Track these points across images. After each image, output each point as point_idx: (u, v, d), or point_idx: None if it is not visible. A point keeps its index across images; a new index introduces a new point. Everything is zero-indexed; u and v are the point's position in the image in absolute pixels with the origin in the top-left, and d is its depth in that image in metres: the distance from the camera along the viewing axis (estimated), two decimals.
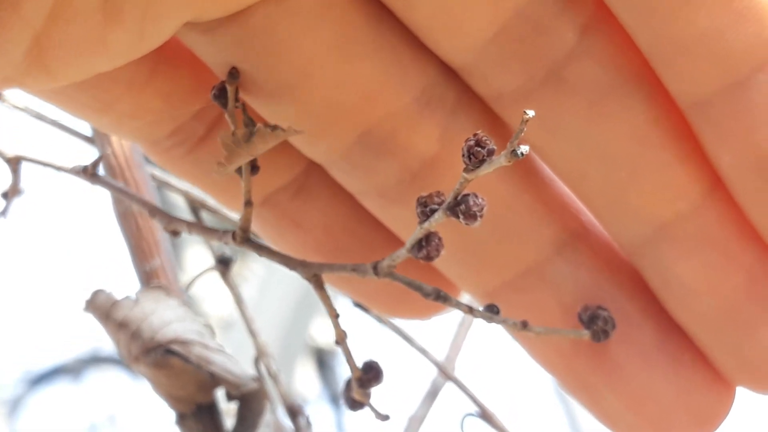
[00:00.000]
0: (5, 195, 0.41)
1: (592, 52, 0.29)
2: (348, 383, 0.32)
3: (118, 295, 0.41)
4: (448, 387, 0.46)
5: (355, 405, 0.32)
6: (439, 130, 0.30)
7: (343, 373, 2.18)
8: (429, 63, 0.30)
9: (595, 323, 0.31)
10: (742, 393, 0.32)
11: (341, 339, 0.31)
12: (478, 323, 0.47)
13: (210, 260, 0.44)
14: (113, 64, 0.27)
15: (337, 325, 0.31)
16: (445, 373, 0.46)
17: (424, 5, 0.28)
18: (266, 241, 0.34)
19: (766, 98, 0.27)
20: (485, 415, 0.45)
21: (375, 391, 0.32)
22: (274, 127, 0.28)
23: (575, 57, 0.29)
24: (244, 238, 0.31)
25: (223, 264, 0.44)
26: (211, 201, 0.43)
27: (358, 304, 0.44)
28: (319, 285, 0.31)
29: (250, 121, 0.29)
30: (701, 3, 0.26)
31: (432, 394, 0.46)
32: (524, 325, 0.30)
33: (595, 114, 0.29)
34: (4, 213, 0.41)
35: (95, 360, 2.23)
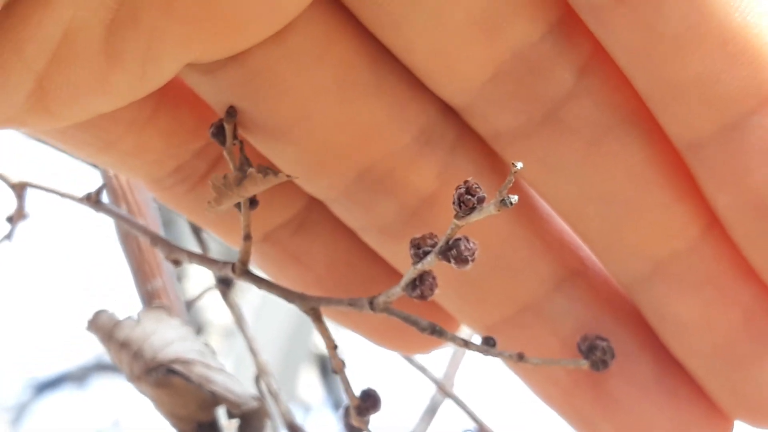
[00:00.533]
0: (10, 219, 0.41)
1: (590, 93, 0.29)
2: (347, 410, 0.32)
3: (121, 316, 0.42)
4: (447, 403, 0.47)
5: (353, 431, 0.33)
6: (438, 169, 0.30)
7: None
8: (428, 103, 0.30)
9: (594, 353, 0.31)
10: (740, 426, 0.33)
11: (339, 369, 0.31)
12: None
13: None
14: (115, 104, 0.27)
15: (334, 356, 0.31)
16: (444, 390, 0.46)
17: (423, 47, 0.28)
18: (268, 276, 0.34)
19: (761, 141, 0.27)
20: (483, 431, 0.45)
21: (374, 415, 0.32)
22: (266, 172, 0.29)
23: (573, 98, 0.29)
24: (243, 270, 0.32)
25: (224, 284, 0.44)
26: None
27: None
28: (317, 318, 0.31)
29: (247, 160, 0.30)
30: (696, 47, 0.27)
31: (431, 411, 0.47)
32: (521, 357, 0.30)
33: (592, 153, 0.29)
34: (9, 237, 0.41)
35: (100, 367, 2.24)
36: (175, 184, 0.32)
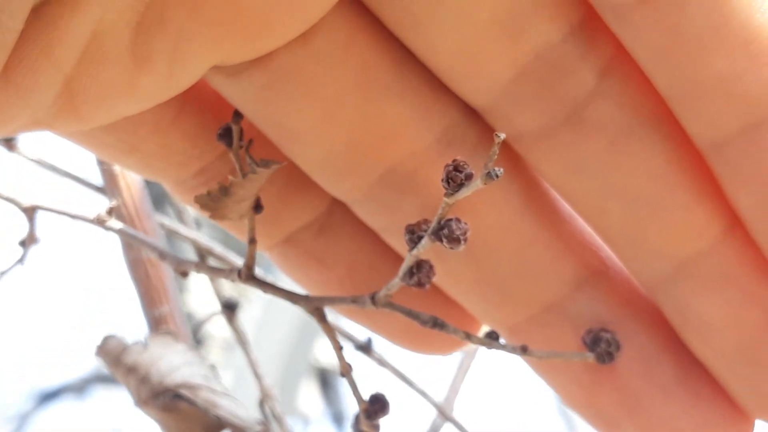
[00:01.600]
0: (23, 243, 0.42)
1: (612, 94, 0.29)
2: (357, 417, 0.32)
3: (128, 341, 0.42)
4: (447, 427, 0.47)
5: None
6: None
7: (346, 392, 2.18)
8: (451, 103, 0.30)
9: (599, 345, 0.31)
10: (760, 425, 0.33)
11: (346, 371, 0.31)
12: (476, 367, 0.49)
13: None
14: (141, 106, 0.27)
15: (341, 358, 0.31)
16: (444, 414, 0.47)
17: (445, 48, 0.28)
18: (290, 278, 0.34)
19: None
20: None
21: (383, 423, 0.32)
22: (253, 169, 0.29)
23: (595, 98, 0.29)
24: (249, 275, 0.32)
25: (229, 309, 0.45)
26: (217, 248, 0.44)
27: (360, 348, 0.45)
28: (321, 318, 0.32)
29: (253, 161, 0.30)
30: (718, 46, 0.27)
31: None
32: (524, 349, 0.31)
33: (614, 154, 0.29)
34: (21, 260, 0.42)
35: (100, 378, 2.24)
36: (198, 186, 0.32)
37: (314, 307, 0.32)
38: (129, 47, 0.26)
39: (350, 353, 0.42)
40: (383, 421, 0.32)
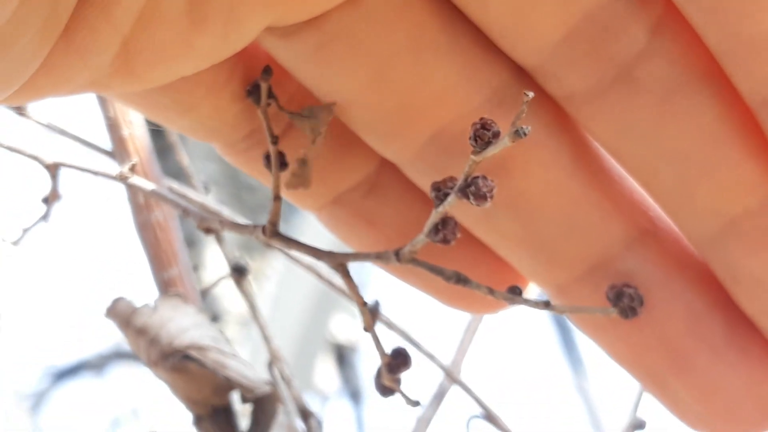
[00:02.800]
0: (46, 200, 0.42)
1: (662, 52, 0.29)
2: (379, 371, 0.32)
3: (138, 303, 0.43)
4: (455, 390, 0.48)
5: (386, 391, 0.32)
6: (509, 131, 0.31)
7: (362, 369, 2.19)
8: (501, 64, 0.30)
9: (622, 300, 0.31)
10: None
11: (369, 326, 0.32)
12: (484, 329, 0.49)
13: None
14: (197, 67, 0.28)
15: (365, 312, 0.32)
16: (452, 376, 0.47)
17: (497, 8, 0.28)
18: (339, 238, 0.35)
19: None
20: (490, 417, 0.46)
21: (403, 378, 0.32)
22: (311, 112, 0.30)
23: (645, 57, 0.29)
24: (274, 231, 0.32)
25: (238, 272, 0.45)
26: (225, 212, 0.45)
27: (368, 311, 0.45)
28: (345, 274, 0.32)
29: (290, 113, 0.31)
30: None
31: (439, 397, 0.48)
32: (547, 304, 0.31)
33: (665, 112, 0.29)
34: (45, 217, 0.43)
35: (118, 355, 2.25)
36: (249, 148, 0.32)
37: (338, 263, 0.32)
38: (185, 8, 0.26)
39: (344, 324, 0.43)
40: (404, 375, 0.32)
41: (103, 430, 2.35)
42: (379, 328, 0.46)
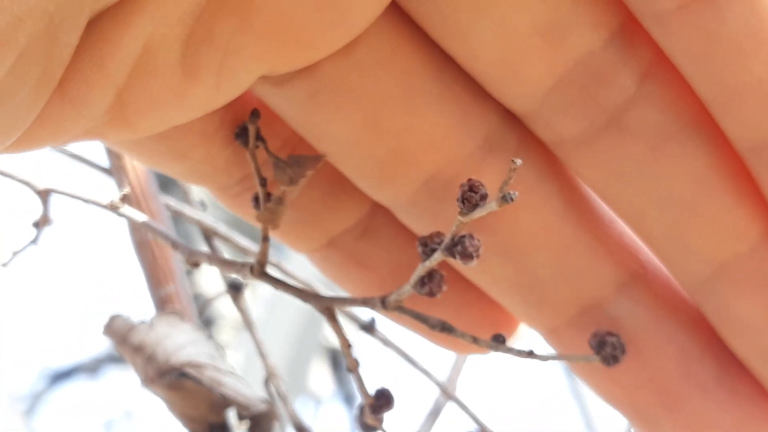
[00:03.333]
0: (36, 225, 0.43)
1: (652, 99, 0.29)
2: (361, 408, 0.33)
3: (135, 320, 0.43)
4: (450, 406, 0.48)
5: (368, 429, 0.33)
6: (501, 175, 0.30)
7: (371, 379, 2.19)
8: (491, 109, 0.31)
9: (604, 348, 0.31)
10: None
11: (353, 368, 0.32)
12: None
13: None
14: (190, 116, 0.28)
15: (349, 355, 0.32)
16: (447, 393, 0.47)
17: (487, 56, 0.29)
18: (331, 280, 0.35)
19: None
20: None
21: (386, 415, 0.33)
22: (298, 161, 0.30)
23: (635, 103, 0.29)
24: (261, 271, 0.33)
25: (235, 289, 0.45)
26: (222, 229, 0.45)
27: (363, 328, 0.46)
28: (331, 317, 0.32)
29: (276, 158, 0.31)
30: (757, 51, 0.27)
31: (434, 413, 0.48)
32: (530, 353, 0.31)
33: (655, 158, 0.30)
34: (35, 241, 0.43)
35: (112, 359, 2.25)
36: (242, 192, 0.32)
37: (325, 306, 0.32)
38: (179, 60, 0.26)
39: (354, 333, 0.43)
40: (387, 415, 0.33)
41: None
42: (375, 344, 0.46)
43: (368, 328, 0.46)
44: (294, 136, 0.32)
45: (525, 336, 0.34)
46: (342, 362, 2.20)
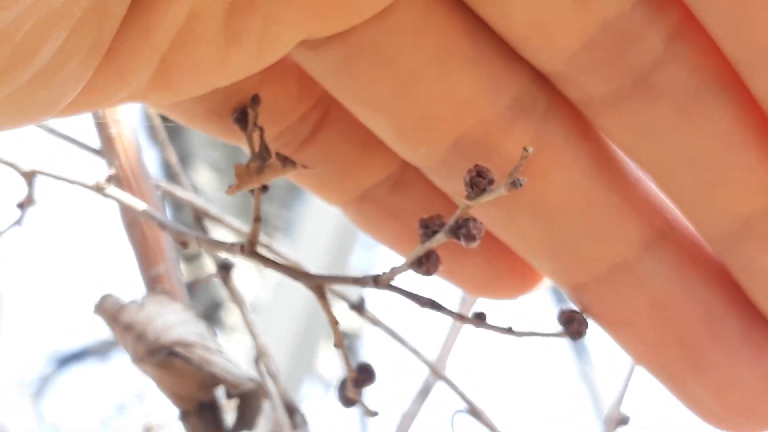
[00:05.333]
0: (20, 206, 0.43)
1: (679, 59, 0.30)
2: (343, 382, 0.33)
3: (125, 299, 0.43)
4: (440, 386, 0.48)
5: (348, 402, 0.34)
6: (530, 135, 0.31)
7: (365, 356, 2.20)
8: (522, 71, 0.31)
9: (571, 325, 0.32)
10: None
11: (339, 343, 0.33)
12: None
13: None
14: (231, 80, 0.29)
15: (336, 332, 0.33)
16: (437, 372, 0.48)
17: (520, 18, 0.29)
18: (364, 231, 0.36)
19: None
20: (474, 412, 0.47)
21: (369, 390, 0.33)
22: (285, 161, 0.31)
23: (663, 63, 0.30)
24: (252, 250, 0.33)
25: (225, 270, 0.46)
26: (213, 210, 0.45)
27: (353, 307, 0.46)
28: (321, 295, 0.33)
29: (266, 149, 0.31)
30: None
31: (424, 393, 0.48)
32: (509, 330, 0.32)
33: (682, 118, 0.30)
34: (19, 222, 0.43)
35: None
36: (277, 149, 0.33)
37: (315, 284, 0.33)
38: (221, 28, 0.27)
39: (344, 312, 0.43)
40: (369, 389, 0.33)
41: (108, 415, 2.36)
42: (365, 324, 0.46)
43: (358, 307, 0.46)
44: (326, 96, 0.32)
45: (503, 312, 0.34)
46: (351, 346, 2.20)
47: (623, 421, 0.49)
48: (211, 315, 2.09)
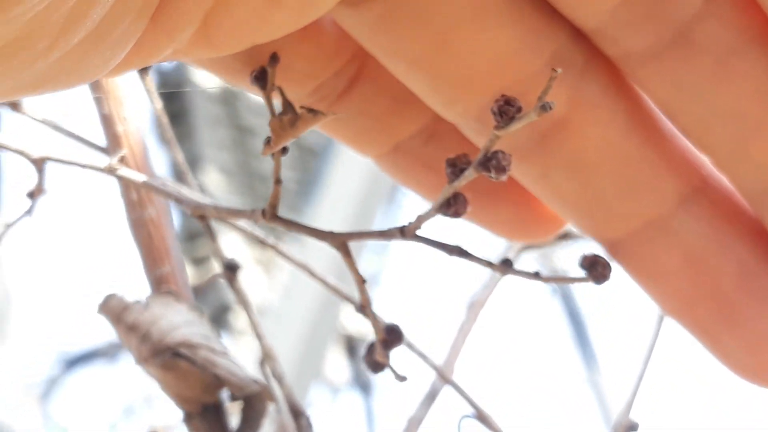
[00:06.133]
0: (31, 195, 0.43)
1: (718, 14, 0.30)
2: (370, 347, 0.33)
3: (130, 299, 0.43)
4: (447, 390, 0.48)
5: (377, 367, 0.33)
6: (568, 92, 0.31)
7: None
8: (559, 27, 0.31)
9: (595, 269, 0.32)
10: None
11: (366, 304, 0.33)
12: (477, 330, 0.49)
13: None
14: (271, 37, 0.29)
15: (363, 291, 0.33)
16: (444, 376, 0.47)
17: None
18: (399, 183, 0.36)
19: None
20: (481, 417, 0.46)
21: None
22: (315, 112, 0.31)
23: (701, 19, 0.30)
24: (273, 214, 0.33)
25: (231, 270, 0.45)
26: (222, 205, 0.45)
27: (358, 309, 0.46)
28: (346, 253, 0.33)
29: (290, 105, 0.31)
30: None
31: (430, 397, 0.48)
32: (536, 275, 0.32)
33: (720, 73, 0.30)
34: (29, 212, 0.43)
35: None
36: (313, 103, 0.33)
37: (340, 242, 0.33)
38: None
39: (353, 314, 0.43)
40: (394, 354, 0.33)
41: (116, 418, 2.36)
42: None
43: (364, 310, 0.46)
44: (361, 51, 0.32)
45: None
46: (358, 350, 2.20)
47: (632, 427, 0.48)
48: (219, 318, 2.09)
